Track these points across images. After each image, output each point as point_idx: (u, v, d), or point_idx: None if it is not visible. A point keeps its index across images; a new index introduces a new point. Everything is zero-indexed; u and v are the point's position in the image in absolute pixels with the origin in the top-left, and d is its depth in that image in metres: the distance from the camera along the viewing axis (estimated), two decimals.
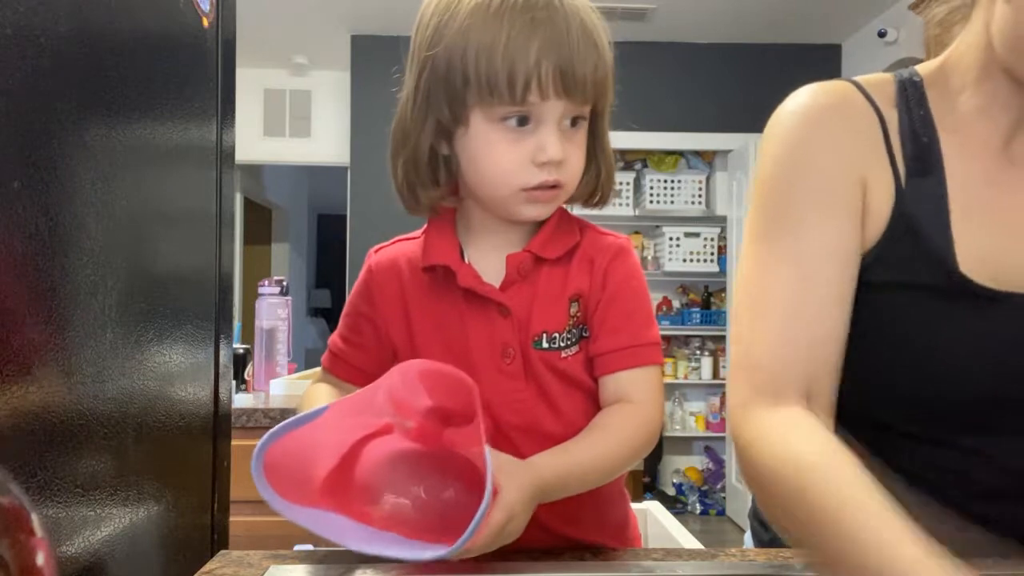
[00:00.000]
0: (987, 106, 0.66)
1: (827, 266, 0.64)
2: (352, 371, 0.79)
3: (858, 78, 0.72)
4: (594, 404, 0.75)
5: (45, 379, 0.55)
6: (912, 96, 0.69)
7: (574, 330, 0.74)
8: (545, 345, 0.73)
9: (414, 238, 0.79)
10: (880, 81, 0.71)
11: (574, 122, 0.70)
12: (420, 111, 0.71)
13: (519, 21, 0.65)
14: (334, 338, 0.81)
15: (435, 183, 0.73)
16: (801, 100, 0.69)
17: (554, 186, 0.69)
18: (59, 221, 0.57)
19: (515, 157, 0.68)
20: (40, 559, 0.33)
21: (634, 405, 0.72)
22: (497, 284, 0.73)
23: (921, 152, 0.67)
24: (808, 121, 0.68)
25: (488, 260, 0.75)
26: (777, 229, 0.66)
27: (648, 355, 0.73)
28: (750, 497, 0.91)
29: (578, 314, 0.74)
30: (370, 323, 0.77)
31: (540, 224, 0.75)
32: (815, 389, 0.62)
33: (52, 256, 0.56)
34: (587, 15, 0.69)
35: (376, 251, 0.80)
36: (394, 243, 0.80)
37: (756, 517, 0.87)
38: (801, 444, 0.56)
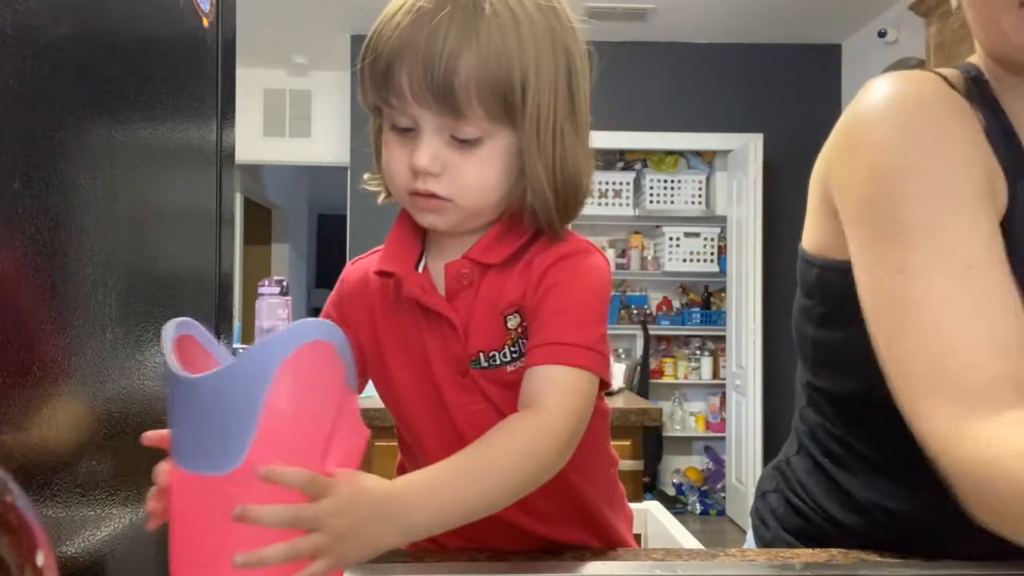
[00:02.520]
0: None
1: (992, 256, 0.58)
2: None
3: (938, 70, 0.68)
4: None
5: (45, 379, 0.55)
6: (985, 92, 0.67)
7: (519, 342, 0.68)
8: (484, 364, 0.68)
9: (383, 248, 0.76)
10: (953, 76, 0.68)
11: (464, 139, 0.63)
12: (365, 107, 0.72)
13: (401, 24, 0.62)
14: None
15: (379, 168, 0.74)
16: (905, 84, 0.64)
17: (433, 196, 0.64)
18: (59, 221, 0.57)
19: (399, 159, 0.66)
20: (40, 559, 0.33)
21: (536, 413, 0.61)
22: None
23: (1014, 152, 0.64)
24: (925, 108, 0.63)
25: (439, 264, 0.70)
26: (922, 221, 0.59)
27: (570, 355, 0.63)
28: (751, 496, 0.91)
29: (519, 327, 0.68)
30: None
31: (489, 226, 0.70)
32: (1014, 391, 0.55)
33: (52, 256, 0.56)
34: (490, 17, 0.61)
35: (352, 263, 0.79)
36: (370, 254, 0.77)
37: (758, 515, 0.87)
38: None
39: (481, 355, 0.68)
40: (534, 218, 0.67)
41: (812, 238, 0.76)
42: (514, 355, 0.68)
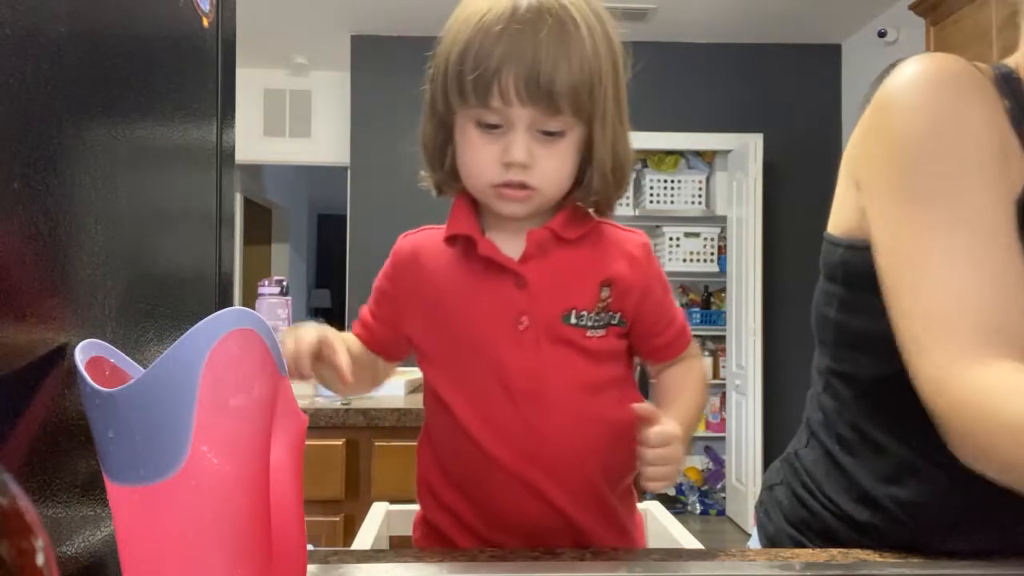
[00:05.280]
0: None
1: (1006, 224, 0.63)
2: (373, 341, 0.86)
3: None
4: (608, 376, 0.80)
5: (45, 379, 0.55)
6: (1014, 87, 0.70)
7: (603, 314, 0.78)
8: (573, 321, 0.77)
9: (438, 226, 0.84)
10: (985, 68, 0.71)
11: (552, 132, 0.73)
12: (428, 106, 0.79)
13: (495, 29, 0.69)
14: (363, 309, 0.88)
15: (440, 167, 0.81)
16: (934, 63, 0.68)
17: (522, 187, 0.74)
18: (59, 221, 0.57)
19: (486, 155, 0.74)
20: (40, 559, 0.33)
21: (698, 359, 0.89)
22: (515, 258, 0.78)
23: None
24: (951, 83, 0.67)
25: (504, 238, 0.79)
26: (939, 190, 0.64)
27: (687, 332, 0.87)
28: (751, 496, 0.92)
29: (609, 299, 0.78)
30: (391, 302, 0.84)
31: (555, 211, 0.79)
32: (1018, 342, 0.61)
33: (52, 256, 0.56)
34: (572, 27, 0.71)
35: (404, 236, 0.87)
36: (421, 230, 0.86)
37: (762, 508, 0.88)
38: None
39: (573, 312, 0.77)
40: (597, 198, 0.79)
41: (838, 221, 0.78)
42: (598, 323, 0.78)
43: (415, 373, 2.20)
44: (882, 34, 3.82)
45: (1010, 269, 0.62)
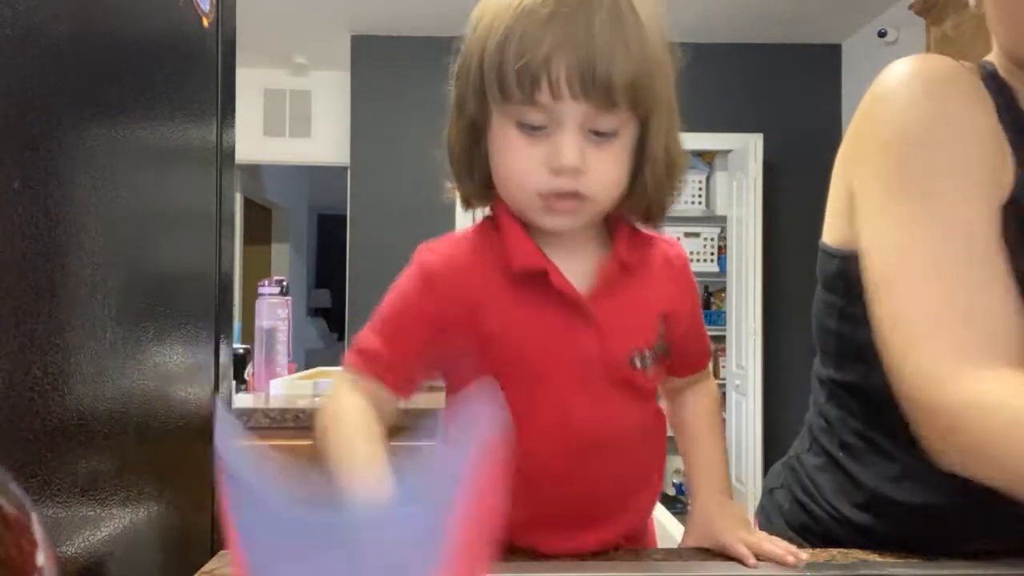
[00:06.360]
0: None
1: (991, 229, 0.63)
2: (392, 374, 0.69)
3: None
4: (651, 412, 0.75)
5: (45, 379, 0.55)
6: (1002, 86, 0.70)
7: (658, 349, 0.71)
8: (638, 364, 0.70)
9: (467, 237, 0.72)
10: (969, 66, 0.71)
11: (605, 131, 0.63)
12: (455, 105, 0.68)
13: (540, 14, 0.60)
14: (367, 338, 0.71)
15: (470, 176, 0.70)
16: (923, 64, 0.68)
17: (574, 195, 0.63)
18: (59, 221, 0.57)
19: (530, 160, 0.63)
20: (40, 559, 0.33)
21: (710, 376, 0.85)
22: (580, 290, 0.68)
23: (1022, 140, 0.67)
24: (943, 82, 0.67)
25: (553, 255, 0.68)
26: (928, 193, 0.64)
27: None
28: (751, 496, 0.92)
29: (663, 332, 0.72)
30: (428, 325, 0.69)
31: (610, 227, 0.71)
32: (1013, 351, 0.60)
33: (52, 256, 0.56)
34: (627, 11, 0.62)
35: (430, 250, 0.71)
36: (448, 242, 0.72)
37: (763, 512, 0.87)
38: None
39: (635, 352, 0.69)
40: (649, 206, 0.69)
41: (833, 231, 0.77)
42: (654, 359, 0.71)
43: None
44: (882, 34, 3.82)
45: (993, 277, 0.62)
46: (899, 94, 0.67)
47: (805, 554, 0.67)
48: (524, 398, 0.66)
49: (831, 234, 0.77)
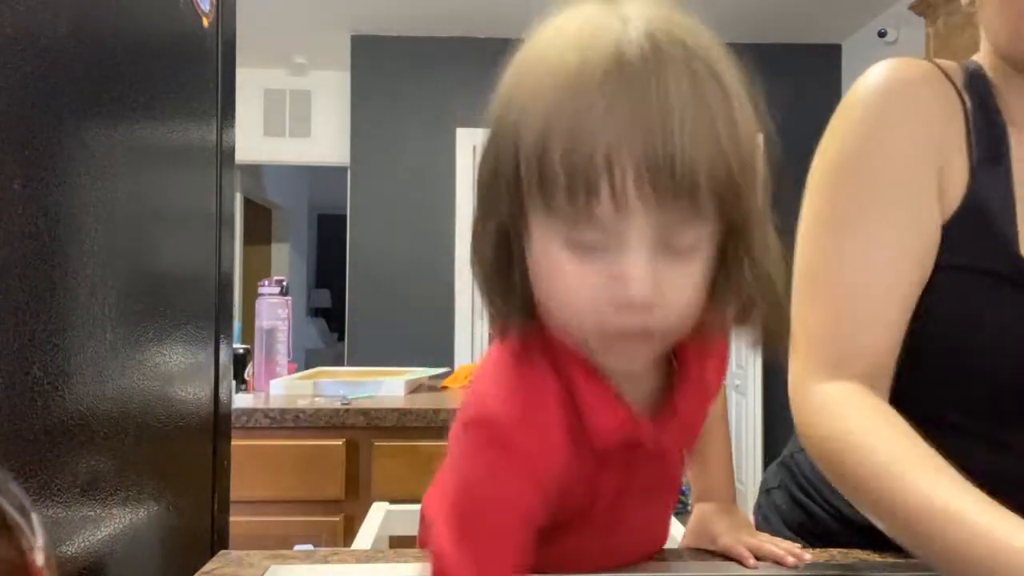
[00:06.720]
0: None
1: (900, 260, 0.65)
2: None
3: (936, 60, 0.73)
4: None
5: (45, 379, 0.55)
6: (981, 85, 0.71)
7: None
8: (687, 466, 0.69)
9: (536, 394, 0.52)
10: (953, 67, 0.72)
11: (682, 246, 0.45)
12: (481, 206, 0.50)
13: (593, 89, 0.43)
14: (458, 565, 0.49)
15: (504, 299, 0.51)
16: (882, 73, 0.69)
17: (644, 333, 0.47)
18: (59, 221, 0.57)
19: (584, 288, 0.46)
20: (40, 559, 0.33)
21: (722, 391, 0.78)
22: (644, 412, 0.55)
23: (993, 140, 0.68)
24: (888, 99, 0.68)
25: (625, 386, 0.54)
26: (851, 216, 0.67)
27: None
28: (751, 496, 0.92)
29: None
30: (530, 524, 0.52)
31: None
32: (875, 372, 0.64)
33: (52, 256, 0.56)
34: (706, 77, 0.45)
35: (514, 426, 0.50)
36: (527, 411, 0.51)
37: (760, 511, 0.87)
38: (856, 418, 0.60)
39: (687, 452, 0.67)
40: (751, 336, 0.52)
41: None
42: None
43: (414, 373, 2.20)
44: (882, 34, 3.81)
45: (890, 299, 0.65)
46: (856, 107, 0.69)
47: (808, 555, 0.67)
48: (569, 524, 0.58)
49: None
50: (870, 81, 0.70)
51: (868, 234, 0.66)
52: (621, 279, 0.44)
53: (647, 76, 0.43)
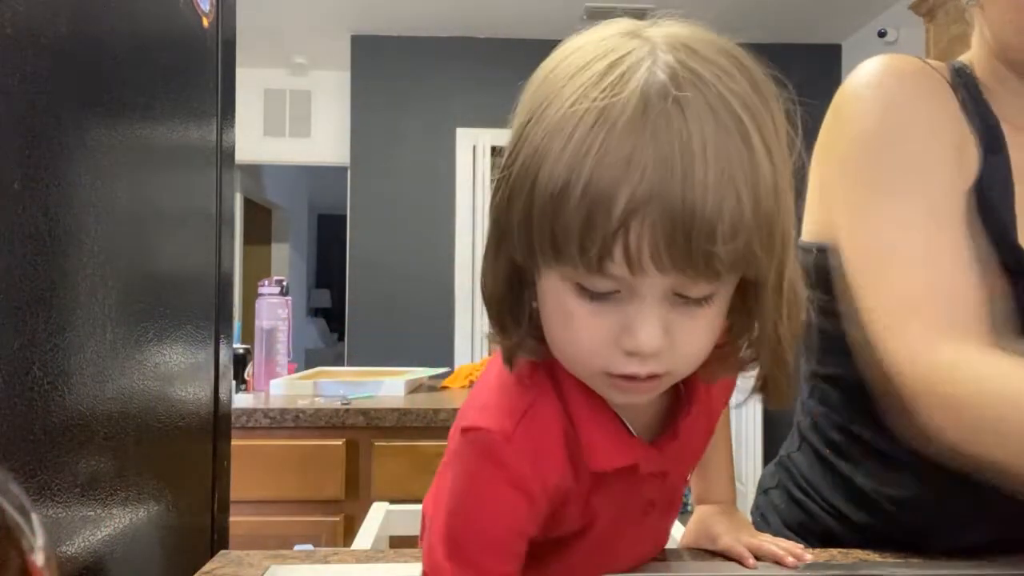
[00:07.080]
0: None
1: (954, 217, 0.66)
2: None
3: (923, 59, 0.74)
4: None
5: (45, 379, 0.55)
6: (969, 81, 0.73)
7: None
8: (689, 488, 0.71)
9: (537, 417, 0.52)
10: (939, 64, 0.74)
11: (695, 297, 0.45)
12: (493, 235, 0.49)
13: (617, 142, 0.40)
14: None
15: (515, 327, 0.51)
16: (878, 64, 0.71)
17: (650, 377, 0.47)
18: (59, 221, 0.57)
19: (593, 333, 0.46)
20: (40, 559, 0.33)
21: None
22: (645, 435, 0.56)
23: (989, 131, 0.70)
24: (902, 79, 0.70)
25: (627, 412, 0.55)
26: (894, 184, 0.67)
27: None
28: (751, 496, 0.92)
29: None
30: (535, 528, 0.54)
31: None
32: (981, 326, 0.62)
33: (52, 256, 0.56)
34: (737, 126, 0.42)
35: (505, 441, 0.51)
36: (526, 435, 0.51)
37: (759, 511, 0.87)
38: (1003, 363, 0.57)
39: (689, 478, 0.68)
40: (761, 379, 0.52)
41: (809, 226, 0.79)
42: None
43: (414, 373, 2.20)
44: (882, 34, 3.82)
45: (966, 260, 0.64)
46: (866, 92, 0.70)
47: (809, 555, 0.67)
48: (572, 545, 0.58)
49: (807, 229, 0.79)
50: (869, 69, 0.71)
51: (915, 199, 0.66)
52: (631, 330, 0.44)
53: (671, 132, 0.41)
